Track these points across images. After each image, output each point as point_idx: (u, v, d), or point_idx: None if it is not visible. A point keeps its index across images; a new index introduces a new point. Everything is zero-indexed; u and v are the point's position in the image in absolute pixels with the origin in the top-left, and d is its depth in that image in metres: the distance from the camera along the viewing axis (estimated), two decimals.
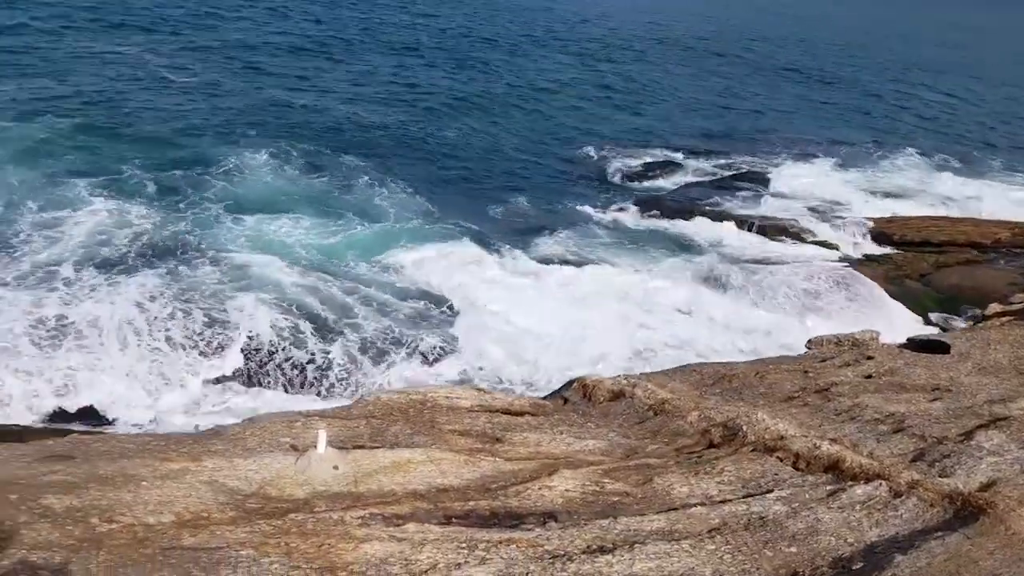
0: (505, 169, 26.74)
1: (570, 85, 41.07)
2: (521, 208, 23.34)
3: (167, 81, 29.67)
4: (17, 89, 25.68)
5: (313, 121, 27.77)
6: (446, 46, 45.85)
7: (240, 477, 4.98)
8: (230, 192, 20.44)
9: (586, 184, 26.83)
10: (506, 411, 6.60)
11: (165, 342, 13.13)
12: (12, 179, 18.97)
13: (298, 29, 43.11)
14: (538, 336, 15.27)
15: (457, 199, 23.10)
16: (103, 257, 15.84)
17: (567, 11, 70.11)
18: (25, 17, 34.77)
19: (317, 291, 15.80)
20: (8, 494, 4.40)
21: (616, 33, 62.09)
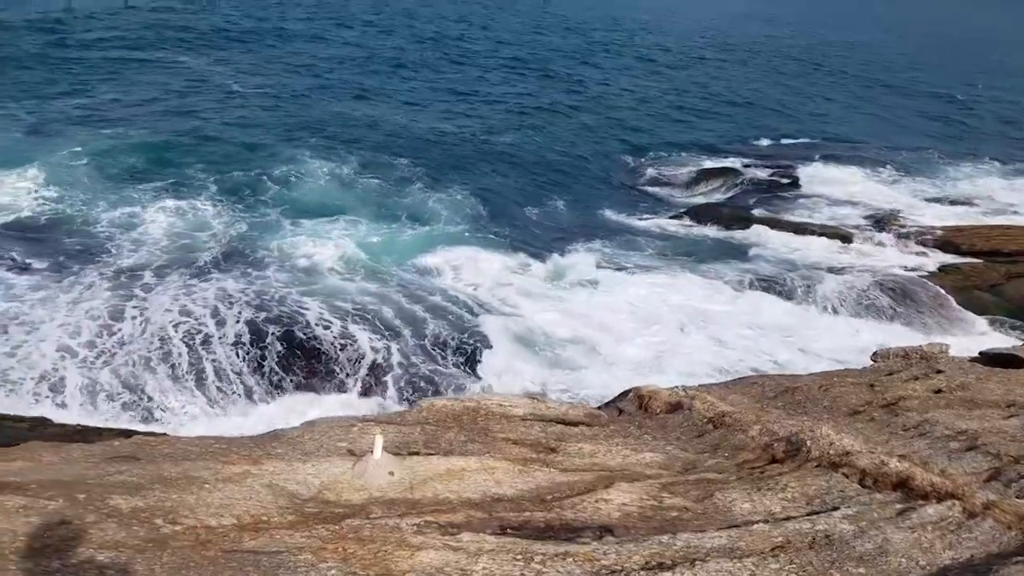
0: (558, 176, 26.66)
1: (627, 92, 40.80)
2: (574, 215, 23.24)
3: (233, 92, 30.54)
4: (92, 100, 26.77)
5: (371, 129, 28.18)
6: (502, 56, 46.05)
7: (299, 481, 5.04)
8: (290, 196, 20.89)
9: (640, 191, 26.61)
10: (560, 421, 6.54)
11: (231, 346, 13.42)
12: (89, 184, 19.74)
13: (357, 42, 43.88)
14: (591, 345, 15.14)
15: (508, 205, 23.12)
16: (171, 259, 16.34)
17: (625, 20, 69.75)
18: (102, 32, 36.24)
19: (372, 294, 16.00)
20: (77, 493, 4.53)
21: (673, 40, 61.51)
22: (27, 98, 25.98)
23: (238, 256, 16.93)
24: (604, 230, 22.36)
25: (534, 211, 23.11)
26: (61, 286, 14.72)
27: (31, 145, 21.88)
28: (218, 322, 14.02)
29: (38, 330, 13.18)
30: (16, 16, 36.99)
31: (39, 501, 4.33)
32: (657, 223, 23.52)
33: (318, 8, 51.70)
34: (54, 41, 33.59)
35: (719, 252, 21.02)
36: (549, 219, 22.72)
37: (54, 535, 4.01)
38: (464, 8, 63.65)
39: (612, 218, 23.55)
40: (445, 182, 23.70)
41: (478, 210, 22.04)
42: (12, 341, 12.83)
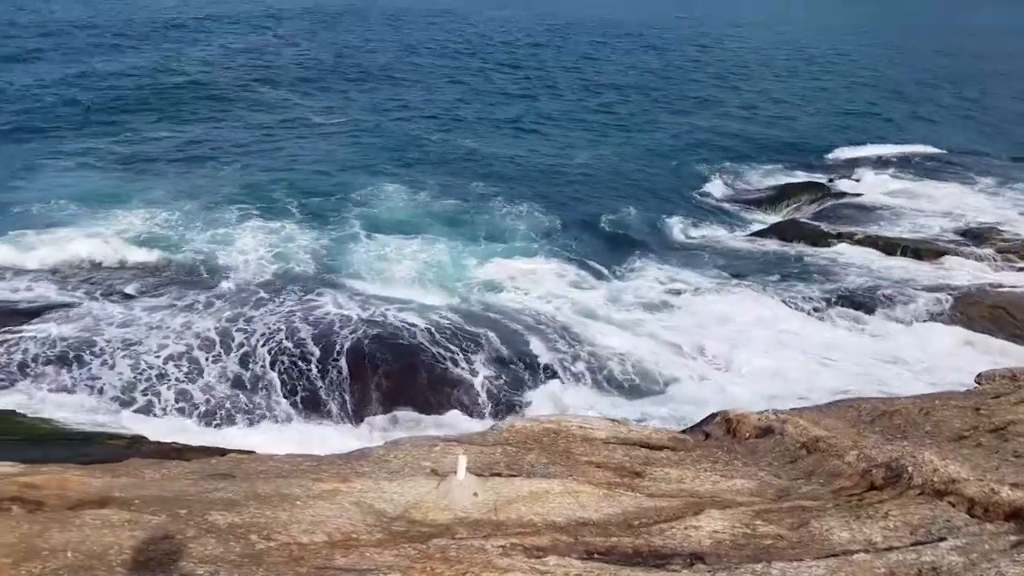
0: (633, 192, 26.41)
1: (702, 105, 40.26)
2: (650, 232, 22.95)
3: (313, 124, 31.67)
4: (184, 135, 28.18)
5: (446, 154, 28.71)
6: (573, 76, 46.18)
7: (386, 499, 5.10)
8: (370, 217, 21.49)
9: (718, 206, 26.04)
10: (643, 444, 6.42)
11: (313, 365, 13.79)
12: (186, 214, 20.77)
13: (429, 69, 44.82)
14: (671, 367, 14.89)
15: (582, 223, 23.02)
16: (261, 282, 17.00)
17: (698, 34, 69.06)
18: (194, 74, 38.18)
19: (448, 310, 16.22)
20: (178, 509, 4.71)
21: (748, 50, 60.38)
22: (128, 137, 27.56)
23: (321, 275, 17.49)
24: (680, 247, 22.03)
25: (608, 228, 22.95)
26: (161, 309, 15.46)
27: (133, 179, 23.20)
28: (297, 340, 14.44)
29: (137, 350, 13.86)
30: (114, 66, 39.38)
31: (143, 516, 4.51)
32: (736, 240, 23.00)
33: (388, 40, 53.08)
34: (150, 84, 35.56)
35: (802, 270, 20.35)
36: (624, 236, 22.52)
37: (157, 549, 4.17)
38: (533, 27, 64.24)
39: (689, 235, 23.15)
40: (519, 201, 23.87)
41: (551, 228, 22.08)
42: (113, 361, 13.51)
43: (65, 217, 19.60)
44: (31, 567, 3.96)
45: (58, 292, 15.92)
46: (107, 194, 21.63)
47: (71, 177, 22.71)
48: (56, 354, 13.61)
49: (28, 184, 21.98)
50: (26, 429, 12.01)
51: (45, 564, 3.98)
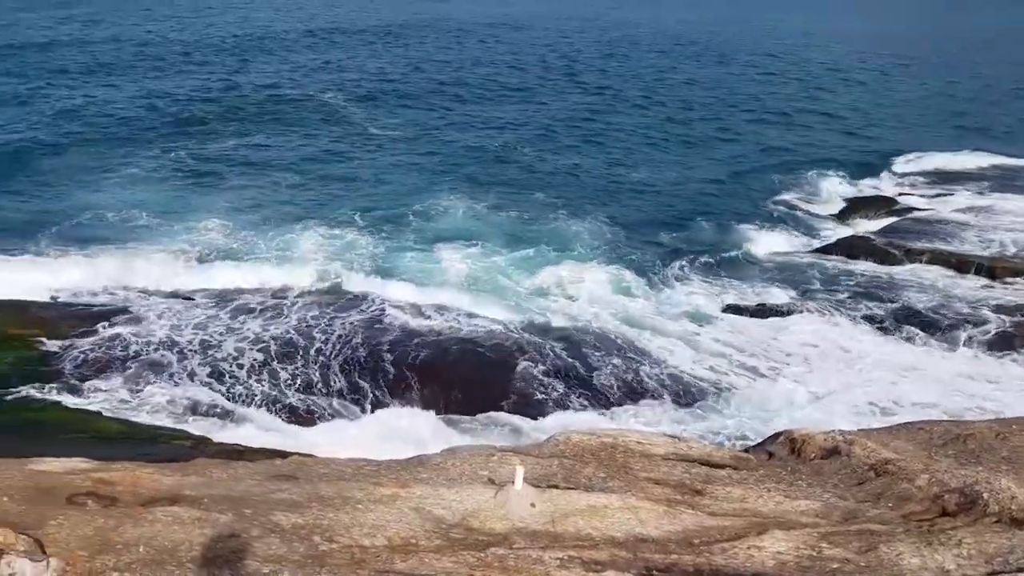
0: (697, 204, 25.95)
1: (771, 115, 39.41)
2: (714, 245, 22.47)
3: (373, 135, 32.28)
4: (249, 146, 29.01)
5: (505, 166, 28.82)
6: (634, 87, 45.91)
7: (444, 506, 5.14)
8: (428, 226, 21.74)
9: (784, 220, 25.14)
10: (704, 462, 6.32)
11: (370, 369, 14.01)
12: (250, 218, 21.41)
13: (488, 80, 45.22)
14: (731, 381, 14.62)
15: (645, 234, 22.74)
16: (322, 286, 17.42)
17: (765, 43, 67.91)
18: (260, 89, 39.42)
19: (506, 320, 16.28)
20: (244, 508, 4.83)
21: (821, 60, 58.88)
22: (196, 148, 28.50)
23: (379, 282, 17.71)
24: (743, 260, 21.51)
25: (669, 239, 22.59)
26: (228, 315, 15.92)
27: (201, 189, 23.99)
28: (356, 346, 14.68)
29: (206, 355, 14.29)
30: (184, 80, 40.87)
31: (211, 514, 4.65)
32: (801, 255, 22.40)
33: (449, 53, 53.77)
34: (217, 98, 36.78)
35: (868, 288, 19.69)
36: (685, 248, 22.12)
37: (224, 547, 4.29)
38: (595, 39, 64.18)
39: (752, 248, 22.50)
40: (579, 212, 23.78)
41: (611, 238, 21.91)
42: (183, 365, 13.95)
43: (138, 226, 20.38)
44: (106, 560, 4.11)
45: (132, 297, 16.52)
46: (177, 203, 22.42)
47: (143, 186, 23.61)
48: (128, 357, 14.14)
49: (104, 192, 22.92)
50: (98, 427, 12.51)
51: (119, 557, 4.13)
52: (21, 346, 14.39)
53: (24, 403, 12.98)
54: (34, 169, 24.48)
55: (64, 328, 14.94)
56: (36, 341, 14.56)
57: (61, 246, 18.80)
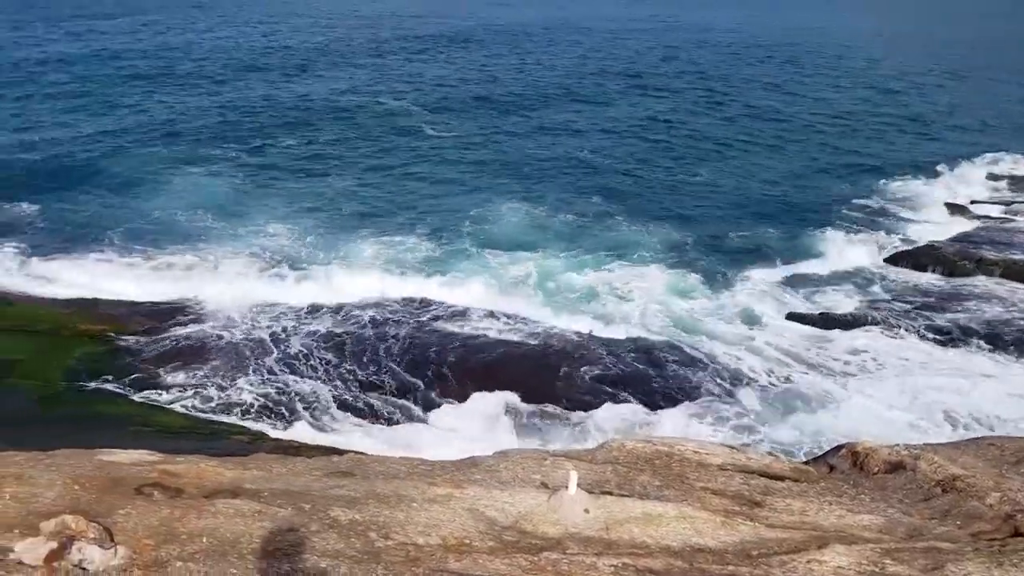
0: (760, 209, 25.29)
1: (838, 119, 38.41)
2: (777, 250, 21.78)
3: (425, 135, 32.58)
4: (306, 153, 29.60)
5: (562, 167, 28.72)
6: (697, 88, 45.27)
7: (497, 508, 5.15)
8: (484, 231, 21.77)
9: (851, 227, 24.25)
10: (763, 473, 6.19)
11: (424, 370, 14.16)
12: (313, 224, 21.84)
13: (542, 82, 45.20)
14: (792, 390, 14.27)
15: (706, 238, 22.18)
16: (377, 290, 17.64)
17: (831, 44, 66.27)
18: (322, 95, 40.32)
19: (560, 323, 16.23)
20: (303, 503, 4.92)
21: (890, 63, 57.08)
22: (261, 152, 29.25)
23: (435, 286, 17.84)
24: (807, 267, 20.85)
25: (731, 244, 22.02)
26: (289, 317, 16.28)
27: (264, 192, 24.59)
28: (412, 347, 14.86)
29: (266, 354, 14.65)
30: (251, 89, 41.99)
31: (271, 508, 4.75)
32: (868, 262, 21.54)
33: (506, 59, 54.06)
34: (283, 104, 37.80)
35: (938, 300, 18.98)
36: (748, 253, 21.53)
37: (284, 540, 4.38)
38: (656, 43, 63.65)
39: (815, 254, 21.78)
40: (638, 216, 23.52)
41: (670, 243, 21.60)
42: (244, 363, 14.32)
43: (206, 227, 20.99)
44: (170, 549, 4.23)
45: (199, 297, 17.00)
46: (242, 205, 23.02)
47: (210, 188, 24.31)
48: (193, 355, 14.59)
49: (172, 194, 23.68)
50: (162, 421, 12.93)
51: (183, 547, 4.25)
52: (92, 342, 14.98)
53: (94, 396, 13.51)
54: (107, 172, 25.45)
55: (133, 325, 15.49)
56: (106, 337, 15.13)
57: (133, 245, 19.48)
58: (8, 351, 14.45)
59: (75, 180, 24.23)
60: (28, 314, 15.72)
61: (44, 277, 17.31)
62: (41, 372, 14.01)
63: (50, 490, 4.73)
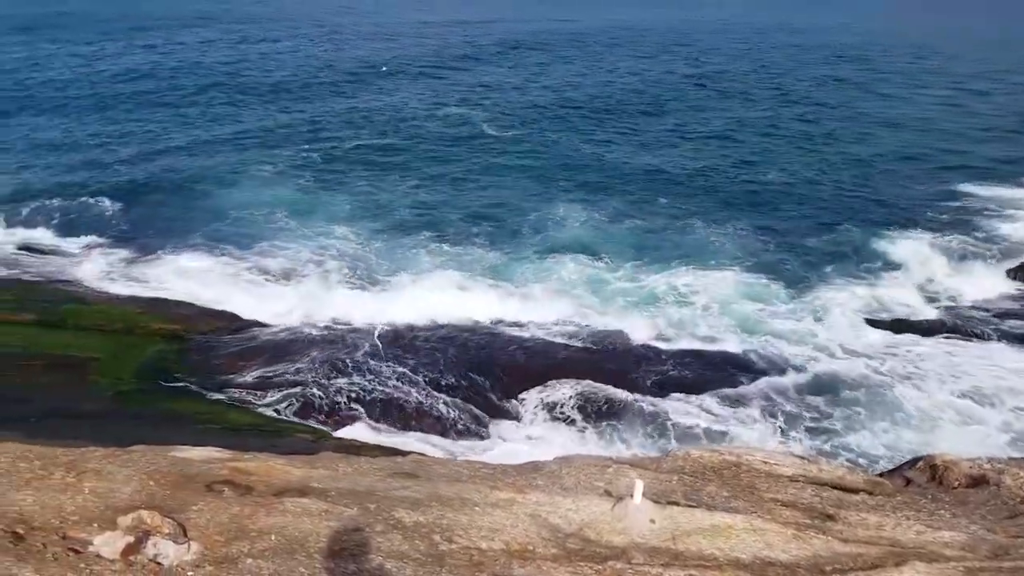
0: (838, 209, 24.17)
1: (921, 118, 36.95)
2: (858, 255, 20.52)
3: (488, 135, 32.68)
4: (369, 156, 30.08)
5: (626, 169, 28.34)
6: (767, 86, 44.28)
7: (560, 515, 5.10)
8: (545, 237, 21.62)
9: (936, 230, 22.77)
10: (836, 486, 5.99)
11: (486, 377, 14.20)
12: (376, 227, 22.16)
13: (605, 86, 44.92)
14: (870, 401, 13.76)
15: (781, 241, 21.17)
16: (437, 298, 17.68)
17: (907, 41, 64.03)
18: (389, 103, 41.00)
19: (627, 330, 16.02)
20: (368, 503, 4.96)
21: (973, 61, 54.80)
22: (330, 153, 29.91)
23: (496, 293, 17.81)
24: (886, 273, 19.69)
25: (802, 247, 20.97)
26: (352, 319, 16.55)
27: (328, 193, 25.06)
28: (475, 353, 14.90)
29: (331, 358, 14.90)
30: (330, 101, 42.93)
31: (337, 507, 4.80)
32: (949, 267, 20.41)
33: (572, 58, 54.02)
34: (356, 111, 38.63)
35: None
36: (820, 256, 20.51)
37: (350, 540, 4.42)
38: (722, 41, 62.65)
39: (894, 259, 20.41)
40: (705, 217, 22.89)
41: (741, 245, 20.91)
42: (317, 366, 14.53)
43: (276, 227, 21.47)
44: (240, 546, 4.32)
45: (262, 299, 17.41)
46: (310, 205, 23.53)
47: (279, 191, 24.89)
48: (260, 354, 14.92)
49: (243, 195, 24.32)
50: (229, 418, 13.26)
51: (253, 544, 4.33)
52: (164, 341, 15.46)
53: (165, 393, 13.93)
54: (185, 174, 26.33)
55: (204, 325, 15.94)
56: (178, 336, 15.60)
57: (209, 245, 20.10)
58: (85, 349, 15.01)
59: (154, 182, 25.20)
60: (104, 314, 16.31)
61: (122, 277, 17.97)
62: (115, 370, 14.52)
63: (127, 485, 4.88)
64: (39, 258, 19.05)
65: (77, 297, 16.92)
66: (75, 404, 13.29)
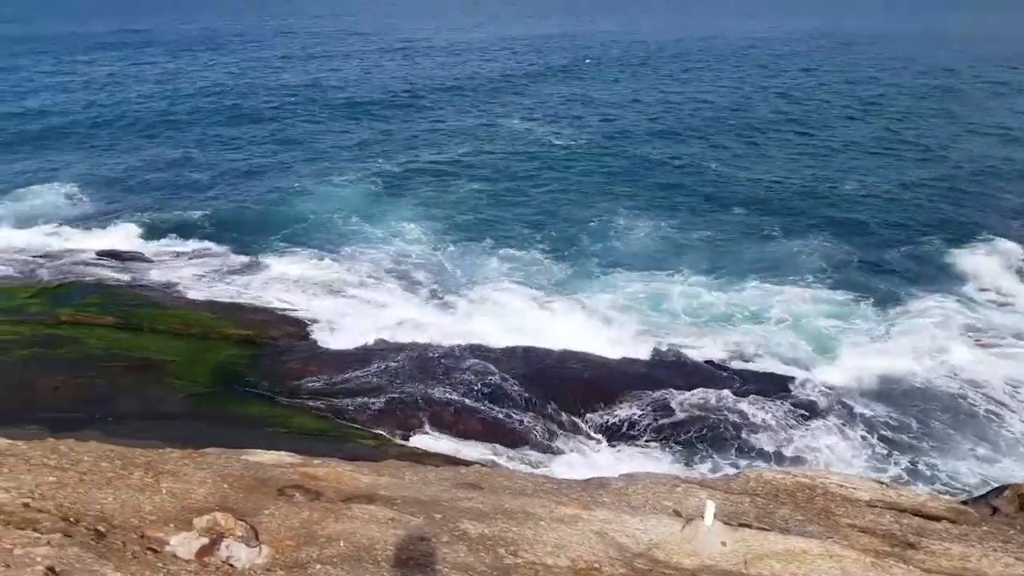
0: (922, 222, 22.73)
1: (1004, 128, 35.33)
2: (944, 271, 19.16)
3: (551, 145, 32.66)
4: (436, 163, 30.47)
5: (691, 178, 27.74)
6: (845, 96, 43.05)
7: (628, 534, 5.01)
8: (607, 248, 21.39)
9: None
10: (917, 512, 5.73)
11: (548, 399, 14.14)
12: (443, 227, 22.45)
13: (674, 91, 44.43)
14: (955, 424, 13.13)
15: (861, 254, 20.55)
16: (498, 307, 17.76)
17: (996, 50, 61.51)
18: (449, 110, 41.51)
19: (690, 353, 15.69)
20: (434, 513, 4.97)
21: None
22: (395, 159, 30.52)
23: (557, 305, 17.72)
24: (974, 289, 18.52)
25: (885, 261, 19.79)
26: (416, 329, 16.73)
27: (394, 197, 25.53)
28: (536, 368, 14.85)
29: (410, 366, 15.09)
30: (384, 112, 43.79)
31: (404, 516, 4.82)
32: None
33: (634, 63, 53.76)
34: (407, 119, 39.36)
35: None
36: (904, 272, 19.35)
37: (416, 550, 4.42)
38: (797, 49, 61.32)
39: (983, 274, 19.21)
40: (781, 231, 21.94)
41: (823, 260, 19.90)
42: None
43: (350, 231, 22.10)
44: (310, 551, 4.37)
45: (339, 307, 17.74)
46: (380, 208, 24.05)
47: (352, 198, 25.47)
48: (327, 361, 15.21)
49: (319, 202, 25.03)
50: (297, 422, 13.53)
51: (322, 550, 4.38)
52: (237, 345, 15.91)
53: (236, 397, 14.32)
54: (263, 182, 27.28)
55: (275, 331, 16.34)
56: (251, 341, 16.04)
57: (286, 251, 20.75)
58: (162, 352, 15.57)
59: (233, 193, 26.21)
60: (180, 318, 16.89)
61: (200, 282, 18.60)
62: (190, 373, 15.01)
63: (202, 487, 5.00)
64: (121, 263, 19.88)
65: (155, 302, 17.57)
66: (152, 405, 13.78)
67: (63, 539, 3.93)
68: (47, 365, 14.82)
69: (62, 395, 13.94)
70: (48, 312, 16.92)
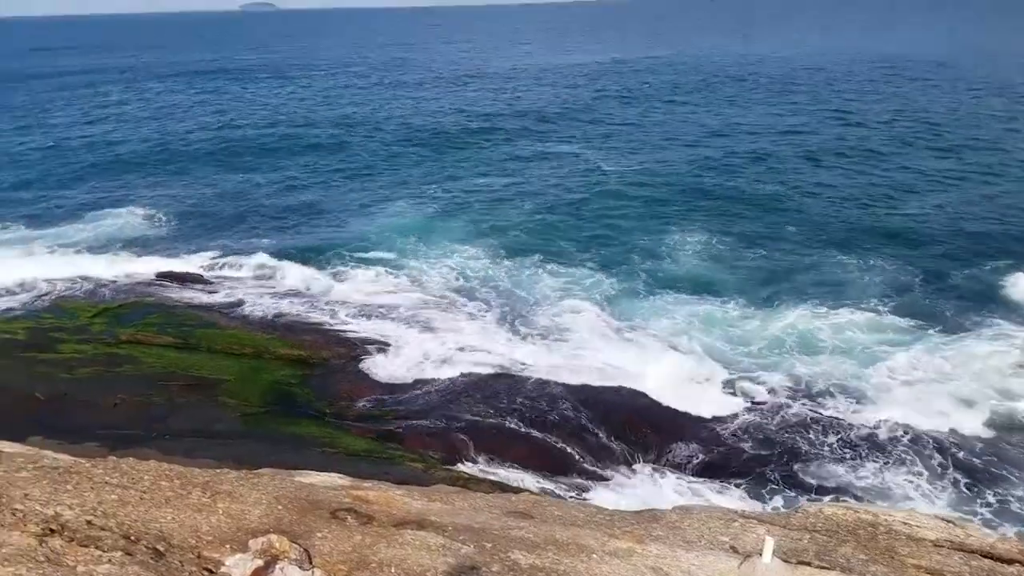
0: (987, 246, 22.17)
1: None
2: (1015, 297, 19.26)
3: (602, 171, 32.64)
4: (488, 180, 30.77)
5: (749, 195, 27.32)
6: (902, 119, 42.16)
7: (683, 570, 4.88)
8: (657, 268, 21.12)
9: None
10: (987, 554, 5.46)
11: (595, 425, 14.00)
12: (493, 253, 22.62)
13: (726, 112, 44.03)
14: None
15: (923, 277, 19.96)
16: (554, 325, 17.72)
17: None
18: (501, 126, 42.01)
19: (747, 383, 15.33)
20: (484, 542, 4.92)
21: None
22: (446, 182, 30.96)
23: (609, 329, 17.55)
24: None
25: (950, 285, 18.96)
26: (463, 351, 16.79)
27: (448, 217, 25.86)
28: (571, 390, 14.71)
29: (439, 383, 15.15)
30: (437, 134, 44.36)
31: (454, 543, 4.79)
32: None
33: (689, 84, 53.63)
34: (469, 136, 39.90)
35: None
36: (971, 296, 18.61)
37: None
38: (850, 68, 60.38)
39: None
40: (838, 254, 21.57)
41: (882, 284, 19.20)
42: (420, 394, 14.85)
43: (407, 250, 22.53)
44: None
45: (389, 329, 17.93)
46: (435, 229, 24.43)
47: (412, 220, 25.85)
48: (378, 383, 15.34)
49: (377, 223, 25.47)
50: (345, 443, 13.64)
51: (373, 575, 4.37)
52: (289, 365, 16.16)
53: (287, 416, 14.52)
54: (320, 207, 27.96)
55: (326, 352, 16.56)
56: (302, 361, 16.28)
57: (344, 271, 21.11)
58: (217, 371, 15.92)
59: (297, 215, 26.91)
60: (235, 338, 17.27)
61: (256, 302, 19.03)
62: (243, 392, 15.29)
63: (256, 508, 5.05)
64: (180, 285, 20.44)
65: (211, 322, 17.99)
66: (206, 423, 14.06)
67: (124, 557, 4.00)
68: (108, 383, 15.29)
69: (121, 412, 14.34)
70: (109, 331, 17.48)
